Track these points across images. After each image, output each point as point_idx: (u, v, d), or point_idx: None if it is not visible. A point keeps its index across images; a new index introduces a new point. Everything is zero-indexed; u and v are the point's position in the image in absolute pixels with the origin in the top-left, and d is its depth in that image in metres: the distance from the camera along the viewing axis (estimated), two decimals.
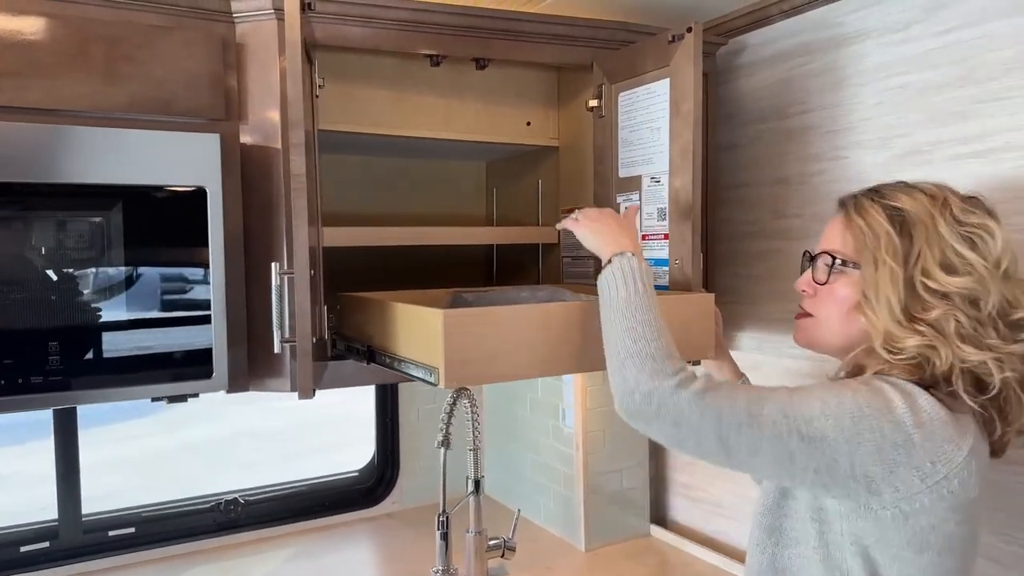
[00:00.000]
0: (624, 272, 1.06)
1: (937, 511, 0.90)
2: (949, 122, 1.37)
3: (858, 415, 0.89)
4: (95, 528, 1.83)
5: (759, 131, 1.74)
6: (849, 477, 0.89)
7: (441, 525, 1.63)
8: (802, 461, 0.90)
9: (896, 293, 0.95)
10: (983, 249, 0.94)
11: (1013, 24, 1.27)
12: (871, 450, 0.88)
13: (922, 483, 0.89)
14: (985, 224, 0.95)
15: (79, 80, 1.24)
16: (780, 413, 0.91)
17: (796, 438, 0.90)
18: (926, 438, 0.88)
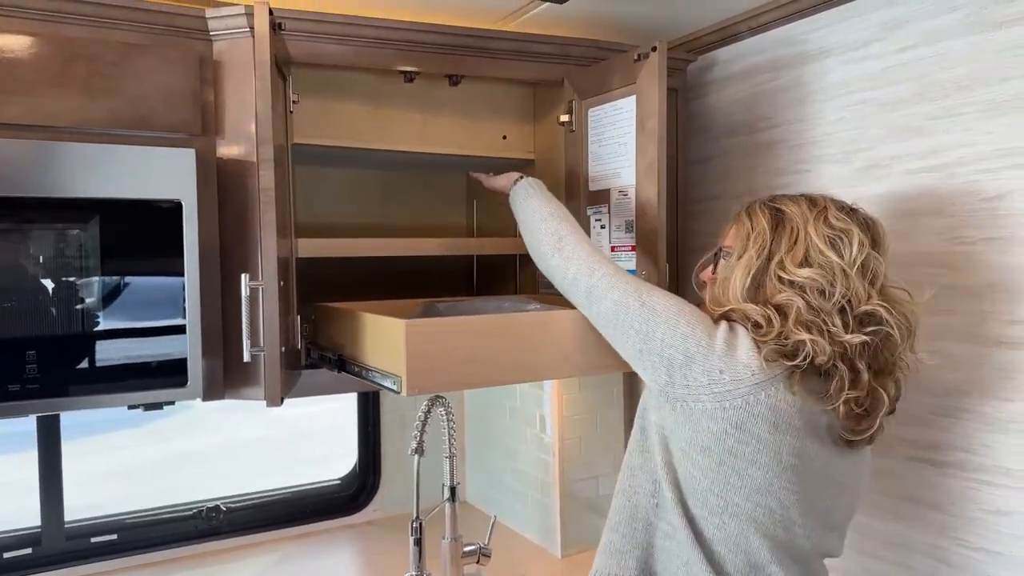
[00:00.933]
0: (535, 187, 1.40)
1: (717, 419, 1.04)
2: (906, 137, 1.41)
3: (686, 309, 1.11)
4: (77, 535, 1.86)
5: (729, 145, 1.79)
6: (658, 352, 1.09)
7: (414, 531, 1.65)
8: (631, 319, 1.12)
9: (744, 277, 1.11)
10: (841, 249, 1.07)
11: (965, 43, 1.32)
12: (680, 336, 1.07)
13: (708, 386, 1.05)
14: (848, 230, 1.08)
15: (59, 96, 1.28)
16: (636, 281, 1.17)
17: (635, 300, 1.13)
18: (726, 353, 1.05)
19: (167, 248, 1.31)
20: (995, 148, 1.28)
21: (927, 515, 1.39)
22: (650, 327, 1.10)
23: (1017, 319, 1.26)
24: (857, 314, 1.05)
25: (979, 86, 1.30)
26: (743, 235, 1.16)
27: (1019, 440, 1.26)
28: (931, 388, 1.37)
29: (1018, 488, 1.26)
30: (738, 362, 1.04)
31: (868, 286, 1.06)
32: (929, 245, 1.38)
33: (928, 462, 1.39)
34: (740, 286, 1.11)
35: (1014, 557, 1.27)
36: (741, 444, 1.04)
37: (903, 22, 1.41)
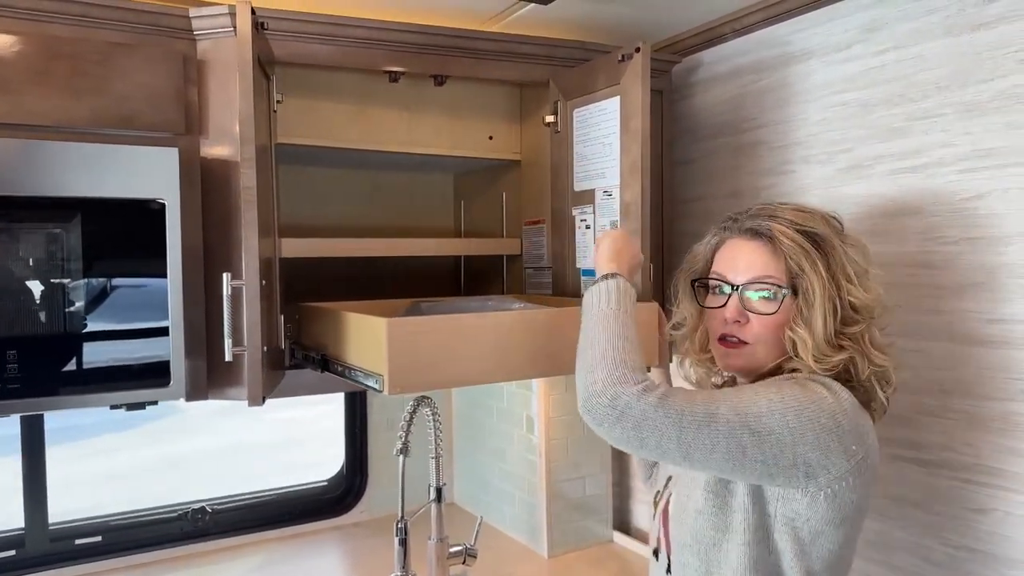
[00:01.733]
0: (611, 290, 1.09)
1: (857, 487, 1.01)
2: (888, 138, 1.42)
3: (798, 409, 0.98)
4: (62, 536, 1.85)
5: (714, 146, 1.79)
6: (792, 465, 0.98)
7: (399, 532, 1.65)
8: (752, 453, 0.97)
9: (826, 312, 1.03)
10: (866, 260, 1.08)
11: (943, 45, 1.33)
12: (811, 439, 0.98)
13: (848, 463, 0.99)
14: (859, 238, 1.10)
15: (43, 95, 1.27)
16: (732, 412, 0.98)
17: (747, 433, 0.97)
18: (850, 423, 1.00)
19: (150, 248, 1.31)
20: (974, 149, 1.29)
21: (911, 513, 1.40)
22: (776, 451, 0.97)
23: (998, 318, 1.27)
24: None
25: (958, 87, 1.31)
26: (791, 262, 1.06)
27: (1001, 439, 1.27)
28: (914, 387, 1.38)
29: (1000, 486, 1.27)
30: (859, 425, 1.02)
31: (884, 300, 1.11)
32: (911, 245, 1.39)
33: (912, 461, 1.40)
34: (830, 324, 1.03)
35: (996, 555, 1.27)
36: (867, 498, 1.05)
37: (883, 24, 1.42)
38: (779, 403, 0.98)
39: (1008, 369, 1.26)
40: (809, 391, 1.01)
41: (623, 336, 1.03)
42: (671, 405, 0.96)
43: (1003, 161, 1.25)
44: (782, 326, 1.07)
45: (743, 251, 1.11)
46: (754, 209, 1.14)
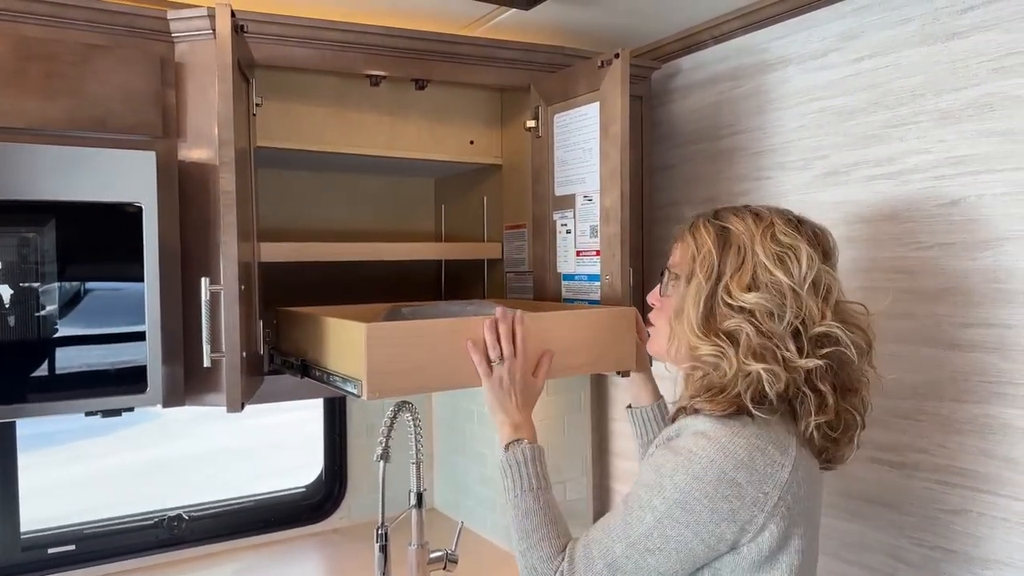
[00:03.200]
0: (515, 468, 1.12)
1: (780, 529, 0.95)
2: (864, 145, 1.44)
3: (682, 499, 0.95)
4: (34, 545, 1.81)
5: (692, 152, 1.81)
6: (709, 549, 0.95)
7: (380, 538, 1.64)
8: (667, 566, 0.96)
9: (696, 306, 1.04)
10: (790, 267, 1.01)
11: (919, 54, 1.35)
12: (709, 517, 0.94)
13: (763, 512, 0.95)
14: (795, 245, 1.02)
15: (15, 97, 1.25)
16: (627, 546, 0.97)
17: (650, 555, 0.96)
18: (750, 473, 0.95)
19: (127, 252, 1.29)
20: (948, 156, 1.31)
21: (886, 515, 1.42)
22: (686, 552, 0.95)
23: (971, 323, 1.29)
24: (812, 335, 1.00)
25: (933, 95, 1.33)
26: (689, 256, 1.09)
27: (974, 441, 1.29)
28: (890, 391, 1.40)
29: (973, 488, 1.29)
30: (765, 468, 0.95)
31: (822, 304, 1.00)
32: (886, 250, 1.41)
33: (887, 463, 1.41)
34: (694, 316, 1.04)
35: (969, 555, 1.29)
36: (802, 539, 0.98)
37: (860, 32, 1.44)
38: (661, 504, 0.95)
39: (981, 372, 1.28)
40: (689, 460, 0.96)
41: (527, 529, 1.07)
42: (593, 569, 0.98)
43: (976, 168, 1.27)
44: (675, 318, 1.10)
45: (676, 243, 1.15)
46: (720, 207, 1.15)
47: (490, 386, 1.19)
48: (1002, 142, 1.24)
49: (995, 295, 1.26)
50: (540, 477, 1.13)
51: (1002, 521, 1.25)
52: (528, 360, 1.21)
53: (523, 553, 1.06)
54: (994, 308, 1.26)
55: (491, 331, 1.19)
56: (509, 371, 1.19)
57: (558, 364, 1.25)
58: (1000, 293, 1.25)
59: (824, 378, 1.00)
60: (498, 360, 1.19)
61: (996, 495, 1.26)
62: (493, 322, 1.20)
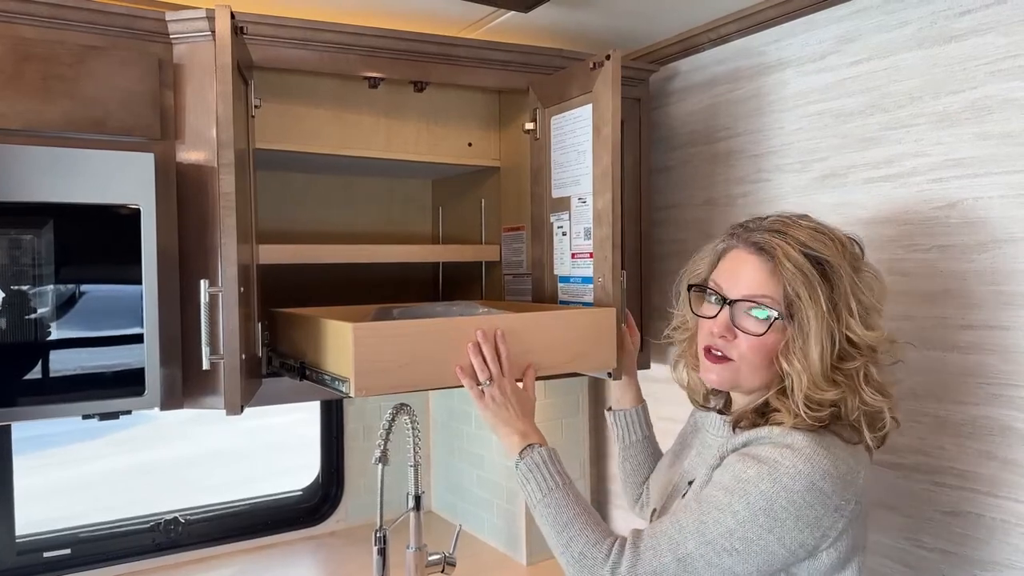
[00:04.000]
0: (535, 472, 1.11)
1: (854, 531, 1.00)
2: (862, 147, 1.45)
3: (768, 505, 0.94)
4: (29, 549, 1.80)
5: (689, 154, 1.81)
6: (790, 555, 0.96)
7: (378, 541, 1.64)
8: (743, 569, 0.96)
9: (825, 345, 0.99)
10: (879, 294, 1.04)
11: (916, 57, 1.35)
12: (794, 524, 0.95)
13: (844, 519, 0.97)
14: (876, 270, 1.04)
15: (12, 99, 1.25)
16: (702, 543, 0.96)
17: (727, 556, 0.95)
18: (833, 482, 0.96)
19: (125, 254, 1.29)
20: (946, 158, 1.32)
21: (885, 516, 1.42)
22: (766, 555, 0.95)
23: (969, 324, 1.29)
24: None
25: (931, 98, 1.34)
26: (789, 287, 1.00)
27: (973, 443, 1.29)
28: None
29: (972, 489, 1.29)
30: (844, 476, 0.97)
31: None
32: (884, 252, 1.41)
33: (885, 465, 1.42)
34: (826, 357, 0.99)
35: (969, 557, 1.30)
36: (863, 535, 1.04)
37: (857, 36, 1.45)
38: (745, 509, 0.95)
39: (978, 374, 1.28)
40: (772, 468, 0.95)
41: (564, 523, 1.05)
42: (639, 571, 0.98)
43: (974, 171, 1.28)
44: (771, 351, 1.03)
45: (744, 265, 1.06)
46: (768, 221, 1.08)
47: (484, 406, 1.19)
48: (1000, 145, 1.24)
49: (993, 297, 1.26)
50: (563, 475, 1.12)
51: (1001, 523, 1.26)
52: (514, 373, 1.22)
53: (566, 545, 1.03)
54: (993, 310, 1.26)
55: (476, 354, 1.19)
56: (500, 388, 1.19)
57: (540, 363, 1.27)
58: (998, 295, 1.25)
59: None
60: (486, 381, 1.19)
61: (996, 497, 1.26)
62: (476, 345, 1.20)
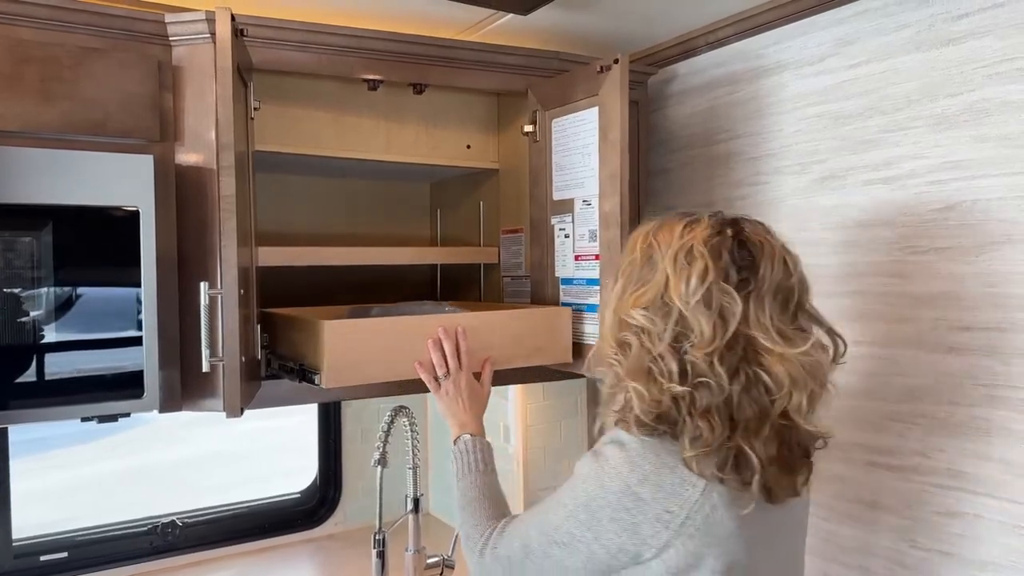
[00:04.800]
0: (459, 456, 1.28)
1: (689, 549, 0.92)
2: (861, 149, 1.45)
3: (588, 503, 0.97)
4: (26, 553, 1.79)
5: (688, 157, 1.81)
6: (610, 556, 0.96)
7: (377, 544, 1.64)
8: (571, 562, 0.99)
9: (611, 317, 1.01)
10: (682, 283, 0.93)
11: (914, 60, 1.36)
12: (612, 527, 0.94)
13: (667, 530, 0.92)
14: (699, 258, 0.93)
15: (11, 101, 1.24)
16: (539, 533, 1.03)
17: (556, 547, 1.00)
18: (653, 489, 0.92)
19: (123, 257, 1.28)
20: (944, 161, 1.32)
21: (884, 518, 1.42)
22: (588, 552, 0.97)
23: (966, 326, 1.30)
24: (692, 360, 0.92)
25: (928, 101, 1.34)
26: (621, 261, 1.05)
27: (970, 444, 1.29)
28: (886, 394, 1.41)
29: (970, 491, 1.30)
30: (671, 486, 0.92)
31: (718, 327, 0.91)
32: (882, 254, 1.41)
33: (884, 466, 1.42)
34: (608, 323, 1.01)
35: (966, 558, 1.30)
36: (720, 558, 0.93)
37: (856, 38, 1.46)
38: (571, 502, 0.98)
39: (976, 376, 1.29)
40: (600, 466, 0.96)
41: (464, 504, 1.22)
42: (498, 555, 1.10)
43: (972, 173, 1.28)
44: None
45: None
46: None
47: (439, 397, 1.34)
48: (997, 147, 1.25)
49: (991, 299, 1.27)
50: (480, 462, 1.26)
51: (999, 524, 1.26)
52: (472, 367, 1.35)
53: (460, 525, 1.20)
54: (990, 312, 1.27)
55: (436, 349, 1.33)
56: (455, 383, 1.33)
57: (500, 357, 1.41)
58: (996, 297, 1.26)
59: (706, 410, 0.91)
60: (444, 375, 1.33)
61: (993, 497, 1.27)
62: (437, 341, 1.32)
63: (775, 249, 0.96)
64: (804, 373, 0.92)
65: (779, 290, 0.95)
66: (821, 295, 1.51)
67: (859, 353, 1.45)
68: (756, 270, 0.94)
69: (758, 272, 0.94)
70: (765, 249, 0.95)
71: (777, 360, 0.92)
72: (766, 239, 0.97)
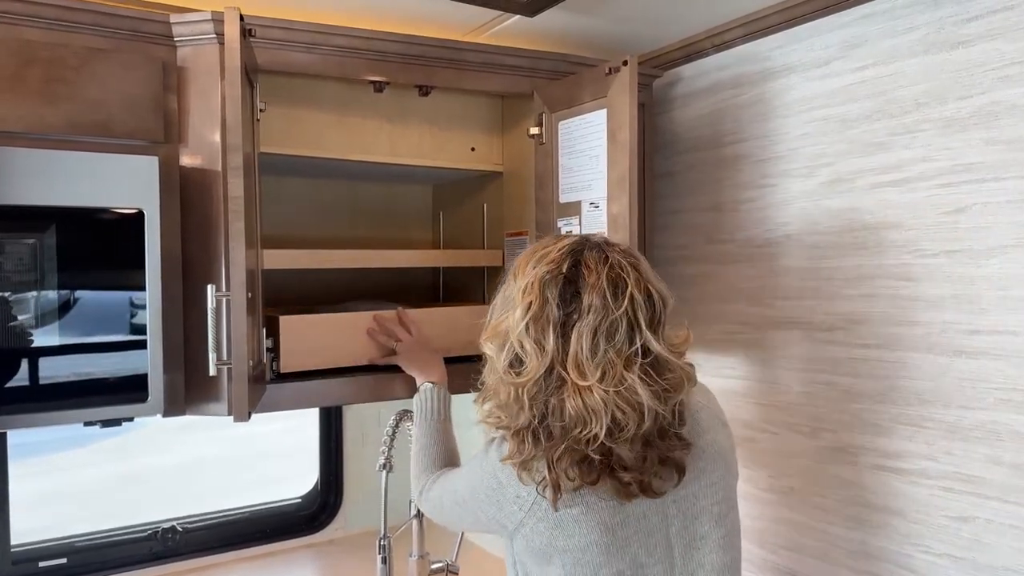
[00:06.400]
0: (419, 402, 1.44)
1: (540, 530, 1.07)
2: (869, 152, 1.45)
3: (472, 479, 1.16)
4: (24, 559, 1.77)
5: (694, 159, 1.81)
6: (490, 520, 1.13)
7: (382, 549, 1.62)
8: (466, 518, 1.22)
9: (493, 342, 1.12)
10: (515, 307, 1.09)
11: (923, 62, 1.36)
12: (484, 500, 1.13)
13: (520, 511, 1.08)
14: (525, 287, 1.06)
15: (15, 101, 1.23)
16: (447, 491, 1.25)
17: (454, 505, 1.23)
18: (507, 475, 1.08)
19: (128, 259, 1.27)
20: (954, 164, 1.32)
21: (892, 523, 1.42)
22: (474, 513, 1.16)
23: (976, 329, 1.29)
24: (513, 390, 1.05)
25: (938, 104, 1.34)
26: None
27: (981, 448, 1.29)
28: (894, 398, 1.40)
29: (980, 495, 1.29)
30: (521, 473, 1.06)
31: (538, 361, 1.02)
32: (891, 257, 1.41)
33: (892, 471, 1.41)
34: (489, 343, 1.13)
35: (977, 563, 1.29)
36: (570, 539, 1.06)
37: (864, 41, 1.45)
38: (466, 475, 1.20)
39: (987, 379, 1.28)
40: (486, 452, 1.14)
41: (419, 448, 1.39)
42: (429, 498, 1.31)
43: (982, 176, 1.28)
44: None
45: None
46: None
47: (402, 362, 1.49)
48: (1008, 150, 1.25)
49: (1002, 302, 1.26)
50: (436, 411, 1.42)
51: (1010, 528, 1.25)
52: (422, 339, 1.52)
53: (413, 466, 1.38)
54: (1001, 315, 1.26)
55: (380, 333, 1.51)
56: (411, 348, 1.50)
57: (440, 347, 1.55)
58: (1007, 300, 1.25)
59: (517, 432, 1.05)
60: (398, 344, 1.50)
61: (1004, 502, 1.26)
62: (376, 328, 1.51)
63: (600, 282, 1.01)
64: (603, 405, 0.98)
65: (602, 326, 1.00)
66: (830, 298, 1.51)
67: (868, 356, 1.45)
68: (580, 304, 1.02)
69: (581, 305, 1.01)
70: (590, 282, 1.02)
71: (581, 394, 0.99)
72: (598, 271, 1.02)
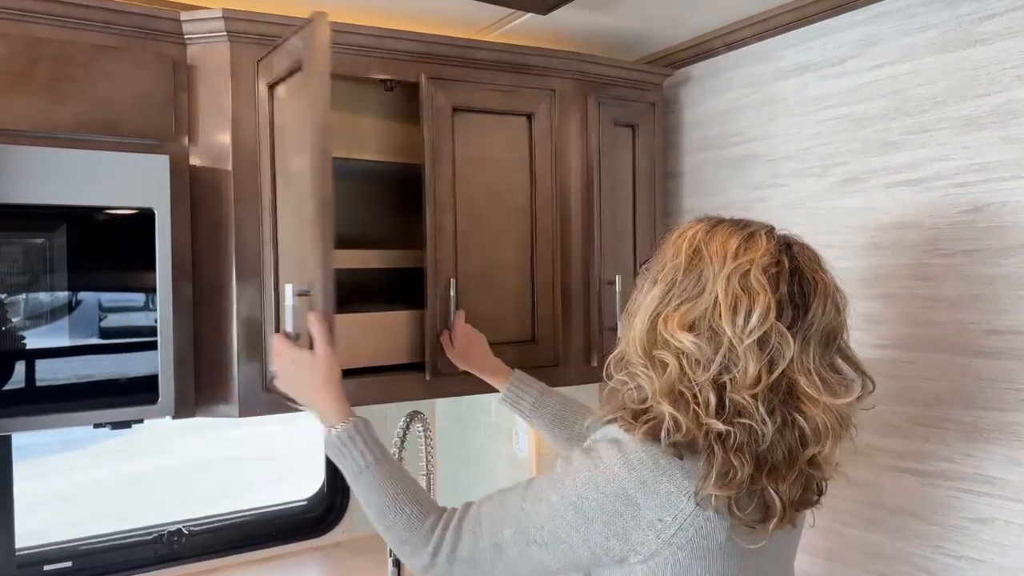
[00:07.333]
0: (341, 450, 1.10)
1: (680, 560, 0.89)
2: (884, 151, 1.44)
3: (578, 502, 0.90)
4: (29, 562, 1.75)
5: (705, 158, 1.80)
6: (595, 557, 0.91)
7: (392, 552, 1.61)
8: (551, 562, 0.93)
9: (643, 324, 0.93)
10: (737, 316, 0.88)
11: (939, 61, 1.35)
12: (601, 529, 0.90)
13: (657, 539, 0.89)
14: (758, 294, 0.87)
15: (23, 99, 1.22)
16: (516, 531, 0.94)
17: (536, 547, 0.93)
18: (648, 495, 0.88)
19: (138, 259, 1.26)
20: (971, 163, 1.31)
21: (910, 525, 1.40)
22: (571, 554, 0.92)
23: (995, 329, 1.28)
24: (733, 398, 0.87)
25: (955, 102, 1.33)
26: (661, 262, 0.97)
27: (1000, 448, 1.28)
28: (912, 399, 1.39)
29: (1000, 496, 1.28)
30: (667, 495, 0.88)
31: (764, 368, 0.87)
32: (907, 257, 1.40)
33: (909, 472, 1.40)
34: (639, 330, 0.93)
35: (997, 564, 1.28)
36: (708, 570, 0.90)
37: (878, 40, 1.44)
38: (558, 502, 0.92)
39: (1007, 380, 1.27)
40: (593, 464, 0.91)
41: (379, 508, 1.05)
42: (459, 557, 0.97)
43: (1001, 175, 1.27)
44: None
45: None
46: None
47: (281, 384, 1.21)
48: None
49: (1020, 302, 1.25)
50: (375, 451, 1.10)
51: None
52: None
53: (388, 529, 1.03)
54: (1020, 315, 1.25)
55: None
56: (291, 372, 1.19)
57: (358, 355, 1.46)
58: None
59: (740, 448, 0.86)
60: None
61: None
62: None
63: (828, 287, 0.92)
64: (838, 423, 0.90)
65: (825, 331, 0.91)
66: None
67: (884, 357, 1.43)
68: (807, 309, 0.90)
69: (808, 311, 0.90)
70: (819, 287, 0.91)
71: (818, 408, 0.88)
72: (819, 275, 0.92)
